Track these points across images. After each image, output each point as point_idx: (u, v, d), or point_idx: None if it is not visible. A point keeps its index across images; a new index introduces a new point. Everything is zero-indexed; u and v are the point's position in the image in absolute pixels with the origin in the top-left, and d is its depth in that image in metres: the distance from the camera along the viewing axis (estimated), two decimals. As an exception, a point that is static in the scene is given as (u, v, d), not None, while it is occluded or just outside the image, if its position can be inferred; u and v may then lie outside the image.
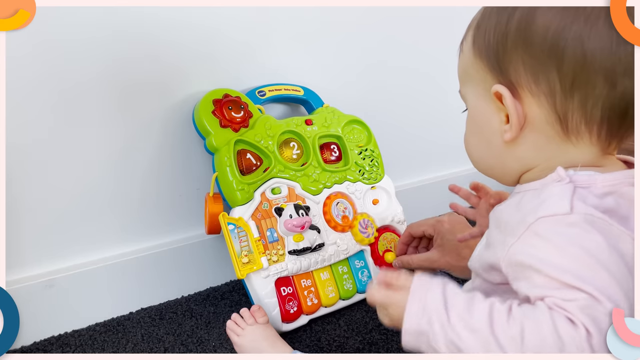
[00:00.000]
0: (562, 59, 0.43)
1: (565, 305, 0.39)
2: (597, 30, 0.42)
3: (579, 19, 0.43)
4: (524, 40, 0.45)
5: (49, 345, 0.77)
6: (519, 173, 0.51)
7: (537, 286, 0.42)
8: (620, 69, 0.43)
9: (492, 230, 0.51)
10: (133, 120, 0.81)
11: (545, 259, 0.42)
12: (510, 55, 0.46)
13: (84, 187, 0.79)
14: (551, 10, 0.44)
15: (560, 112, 0.45)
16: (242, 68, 0.89)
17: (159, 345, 0.78)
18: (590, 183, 0.45)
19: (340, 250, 0.87)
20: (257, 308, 0.75)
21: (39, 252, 0.78)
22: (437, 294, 0.44)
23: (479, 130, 0.51)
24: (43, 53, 0.71)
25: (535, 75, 0.45)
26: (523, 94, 0.46)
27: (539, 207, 0.44)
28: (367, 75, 1.05)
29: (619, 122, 0.45)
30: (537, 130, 0.47)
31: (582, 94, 0.44)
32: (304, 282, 0.83)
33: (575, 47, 0.43)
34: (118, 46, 0.76)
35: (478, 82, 0.49)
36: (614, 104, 0.44)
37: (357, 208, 0.91)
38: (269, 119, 0.86)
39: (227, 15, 0.84)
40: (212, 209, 0.80)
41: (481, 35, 0.48)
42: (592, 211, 0.43)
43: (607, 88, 0.44)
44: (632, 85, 0.44)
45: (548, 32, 0.44)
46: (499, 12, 0.47)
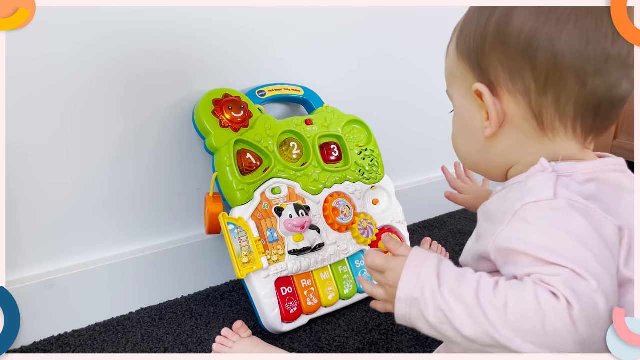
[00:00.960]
0: (535, 59, 0.46)
1: (548, 279, 0.42)
2: (567, 32, 0.45)
3: (551, 21, 0.45)
4: (501, 41, 0.47)
5: (49, 345, 0.77)
6: (503, 168, 0.54)
7: (523, 266, 0.44)
8: (590, 69, 0.45)
9: (481, 223, 0.54)
10: (133, 120, 0.81)
11: (530, 241, 0.44)
12: (489, 55, 0.49)
13: (83, 187, 0.79)
14: (525, 12, 0.46)
15: (536, 109, 0.48)
16: (242, 68, 0.89)
17: (159, 345, 0.78)
18: (572, 171, 0.48)
19: (340, 250, 0.87)
20: (239, 325, 0.75)
21: (39, 252, 0.78)
22: (432, 265, 0.46)
23: (464, 128, 0.54)
24: (43, 53, 0.71)
25: (512, 75, 0.48)
26: (501, 93, 0.49)
27: (525, 195, 0.47)
28: (367, 75, 1.05)
29: (592, 117, 0.48)
30: (516, 126, 0.50)
31: (555, 92, 0.47)
32: (304, 282, 0.83)
33: (547, 47, 0.45)
34: (118, 46, 0.76)
35: (461, 82, 0.52)
36: (585, 101, 0.47)
37: (357, 208, 0.91)
38: (269, 119, 0.86)
39: (227, 15, 0.84)
40: (212, 209, 0.80)
41: (463, 37, 0.51)
42: (575, 197, 0.45)
43: (578, 86, 0.46)
44: (602, 84, 0.46)
45: (522, 33, 0.46)
46: (479, 15, 0.50)
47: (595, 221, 0.44)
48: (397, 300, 0.46)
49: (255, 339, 0.74)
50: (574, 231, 0.43)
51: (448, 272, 0.45)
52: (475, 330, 0.42)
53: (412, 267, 0.46)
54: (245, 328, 0.75)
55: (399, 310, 0.46)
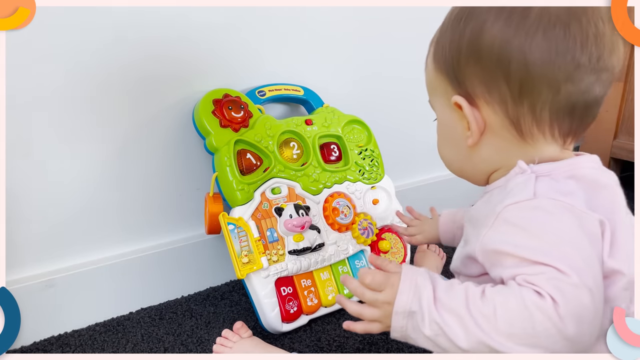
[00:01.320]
0: (509, 71, 0.47)
1: (532, 279, 0.43)
2: (536, 43, 0.46)
3: (520, 33, 0.46)
4: (475, 54, 0.49)
5: (49, 345, 0.77)
6: (487, 173, 0.55)
7: (508, 267, 0.45)
8: (561, 77, 0.47)
9: (467, 229, 0.55)
10: (133, 120, 0.81)
11: (514, 242, 0.45)
12: (465, 68, 0.50)
13: (84, 187, 0.79)
14: (496, 25, 0.47)
15: (513, 117, 0.49)
16: (242, 68, 0.89)
17: (159, 345, 0.78)
18: (550, 171, 0.49)
19: (340, 250, 0.87)
20: (239, 325, 0.75)
21: (39, 252, 0.78)
22: (426, 277, 0.47)
23: (448, 137, 0.56)
24: (43, 54, 0.71)
25: (488, 86, 0.49)
26: (480, 103, 0.50)
27: (506, 197, 0.48)
28: (368, 75, 1.05)
29: (568, 121, 0.50)
30: (496, 134, 0.51)
31: (530, 101, 0.48)
32: (304, 282, 0.83)
33: (519, 59, 0.47)
34: (118, 46, 0.76)
35: (442, 94, 0.54)
36: (560, 107, 0.49)
37: (357, 208, 0.91)
38: (269, 119, 0.86)
39: (227, 16, 0.84)
40: (212, 209, 0.80)
41: (439, 50, 0.53)
42: (554, 194, 0.47)
43: (551, 94, 0.48)
44: (575, 90, 0.48)
45: (494, 46, 0.47)
46: (453, 28, 0.51)
47: (575, 217, 0.46)
48: (394, 314, 0.46)
49: (256, 339, 0.74)
50: (555, 228, 0.45)
51: (439, 284, 0.46)
52: (469, 340, 0.43)
53: (408, 281, 0.47)
54: (246, 328, 0.75)
55: (396, 323, 0.47)
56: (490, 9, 0.48)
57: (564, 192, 0.47)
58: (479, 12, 0.49)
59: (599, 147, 1.37)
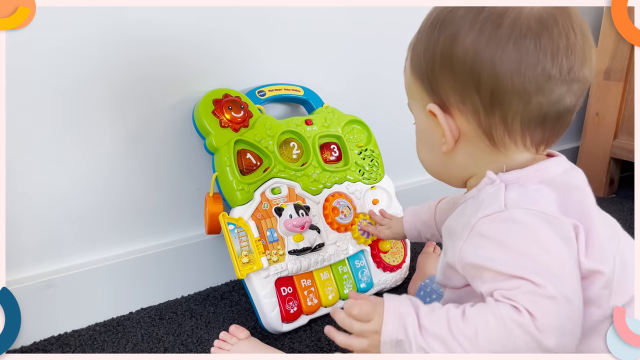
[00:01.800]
0: (480, 82, 0.48)
1: (509, 294, 0.43)
2: (507, 55, 0.46)
3: (491, 45, 0.47)
4: (448, 64, 0.49)
5: (48, 345, 0.77)
6: (463, 178, 0.56)
7: (486, 282, 0.46)
8: (532, 89, 0.47)
9: (445, 240, 0.56)
10: (133, 120, 0.81)
11: (489, 256, 0.46)
12: (438, 77, 0.50)
13: (84, 187, 0.79)
14: (468, 36, 0.47)
15: (485, 127, 0.50)
16: (242, 68, 0.89)
17: (158, 345, 0.78)
18: (519, 177, 0.50)
19: (340, 250, 0.87)
20: (234, 328, 0.75)
21: (39, 252, 0.78)
22: (408, 304, 0.47)
23: (425, 141, 0.57)
24: (43, 54, 0.71)
25: (461, 96, 0.49)
26: (454, 111, 0.51)
27: (479, 209, 0.49)
28: (367, 74, 1.05)
29: (540, 131, 0.50)
30: (470, 142, 0.52)
31: (501, 112, 0.49)
32: (304, 282, 0.83)
33: (489, 71, 0.47)
34: (118, 46, 0.76)
35: (418, 99, 0.54)
36: (531, 117, 0.49)
37: (357, 208, 0.91)
38: (269, 119, 0.86)
39: (227, 15, 0.84)
40: (212, 209, 0.80)
41: (415, 57, 0.53)
42: (525, 203, 0.47)
43: (522, 105, 0.48)
44: (545, 101, 0.48)
45: (466, 57, 0.48)
46: (427, 36, 0.51)
47: (548, 223, 0.46)
48: (382, 344, 0.47)
49: (254, 340, 0.74)
50: (528, 239, 0.45)
51: (422, 311, 0.47)
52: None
53: (392, 310, 0.47)
54: (242, 329, 0.75)
55: (384, 351, 0.47)
56: (465, 16, 0.48)
57: (535, 199, 0.48)
58: (453, 20, 0.49)
59: (599, 147, 1.37)
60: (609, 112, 1.34)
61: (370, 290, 0.89)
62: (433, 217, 0.76)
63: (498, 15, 0.47)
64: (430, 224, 0.77)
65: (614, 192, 1.41)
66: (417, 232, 0.79)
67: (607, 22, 1.31)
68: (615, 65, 1.30)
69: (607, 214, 0.53)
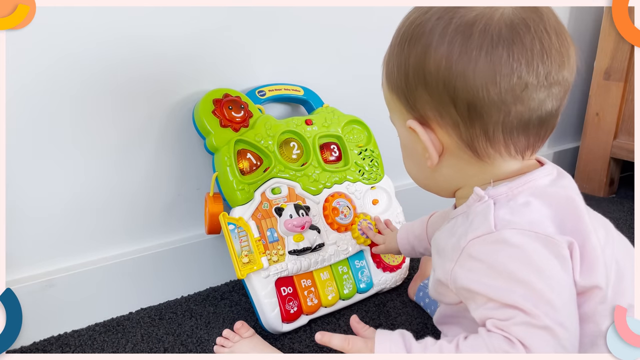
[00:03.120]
0: (455, 96, 0.47)
1: (502, 325, 0.43)
2: (480, 67, 0.45)
3: (463, 57, 0.45)
4: (421, 80, 0.48)
5: (48, 345, 0.77)
6: (451, 190, 0.55)
7: (479, 307, 0.46)
8: (509, 99, 0.46)
9: (434, 256, 0.56)
10: (133, 119, 0.81)
11: (481, 280, 0.46)
12: (414, 94, 0.49)
13: (83, 187, 0.79)
14: (439, 50, 0.46)
15: (467, 140, 0.49)
16: (242, 68, 0.89)
17: (158, 346, 0.78)
18: (507, 191, 0.49)
19: (340, 250, 0.87)
20: (240, 325, 0.75)
21: (39, 252, 0.78)
22: (399, 344, 0.47)
23: (410, 155, 0.56)
24: (44, 54, 0.71)
25: (439, 111, 0.49)
26: (434, 126, 0.50)
27: (468, 230, 0.48)
28: (367, 74, 1.04)
29: (524, 138, 0.49)
30: (454, 155, 0.51)
31: (481, 124, 0.47)
32: (304, 282, 0.83)
33: (463, 84, 0.46)
34: (117, 46, 0.76)
35: (398, 114, 0.54)
36: (512, 126, 0.48)
37: (357, 208, 0.91)
38: (269, 118, 0.86)
39: (227, 15, 0.84)
40: (212, 208, 0.80)
41: (390, 72, 0.53)
42: (515, 224, 0.46)
43: (502, 115, 0.47)
44: (525, 109, 0.46)
45: (439, 72, 0.46)
46: (398, 53, 0.50)
47: (541, 243, 0.45)
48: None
49: (256, 339, 0.74)
50: (520, 263, 0.44)
51: (413, 348, 0.47)
52: None
53: (382, 349, 0.47)
54: (247, 327, 0.75)
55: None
56: (433, 30, 0.47)
57: (526, 217, 0.47)
58: (422, 34, 0.48)
59: (599, 147, 1.37)
60: (609, 112, 1.34)
61: (370, 290, 0.89)
62: (425, 232, 0.76)
63: (467, 26, 0.45)
64: (423, 237, 0.76)
65: (614, 192, 1.41)
66: (410, 246, 0.78)
67: (607, 22, 1.31)
68: (615, 65, 1.30)
69: (598, 213, 0.52)
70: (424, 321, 0.83)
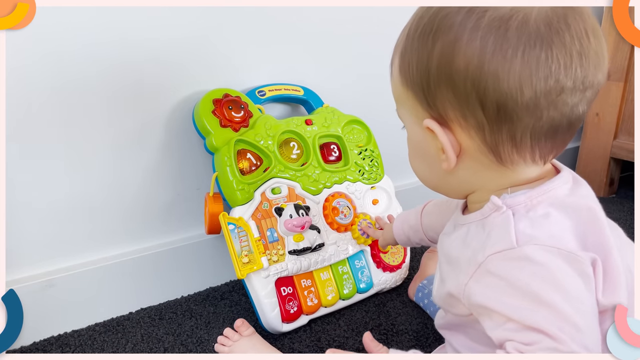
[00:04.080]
0: (484, 97, 0.43)
1: (526, 349, 0.40)
2: (514, 70, 0.41)
3: (497, 58, 0.42)
4: (446, 79, 0.44)
5: (48, 345, 0.77)
6: (464, 193, 0.52)
7: (498, 327, 0.43)
8: (544, 103, 0.42)
9: (443, 265, 0.53)
10: (133, 120, 0.81)
11: (500, 299, 0.43)
12: (435, 92, 0.45)
13: (83, 187, 0.79)
14: (469, 48, 0.42)
15: (491, 144, 0.45)
16: (242, 68, 0.89)
17: (158, 346, 0.78)
18: (526, 201, 0.46)
19: (340, 250, 0.87)
20: (240, 323, 0.75)
21: (39, 252, 0.78)
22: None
23: (420, 154, 0.52)
24: (43, 54, 0.71)
25: (462, 112, 0.45)
26: (454, 127, 0.46)
27: (487, 243, 0.45)
28: (367, 75, 1.05)
29: (551, 142, 0.46)
30: (473, 158, 0.47)
31: (509, 127, 0.44)
32: (304, 282, 0.83)
33: (495, 85, 0.42)
34: (117, 46, 0.76)
35: (411, 111, 0.49)
36: (542, 131, 0.44)
37: (357, 208, 0.91)
38: (269, 118, 0.86)
39: (227, 15, 0.84)
40: (212, 208, 0.80)
41: (406, 66, 0.47)
42: (538, 239, 0.43)
43: (533, 120, 0.43)
44: (558, 114, 0.43)
45: (467, 72, 0.43)
46: (420, 46, 0.45)
47: (565, 261, 0.43)
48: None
49: (256, 337, 0.74)
50: (544, 282, 0.42)
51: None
52: None
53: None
54: (247, 326, 0.75)
55: None
56: (464, 23, 0.42)
57: (548, 231, 0.44)
58: (449, 27, 0.43)
59: (599, 147, 1.37)
60: (609, 112, 1.34)
61: (370, 290, 0.89)
62: (420, 222, 0.74)
63: (502, 21, 0.41)
64: (417, 228, 0.74)
65: (614, 192, 1.41)
66: (406, 237, 0.77)
67: (607, 22, 1.31)
68: (616, 65, 1.30)
69: (612, 221, 0.50)
70: (424, 321, 0.83)
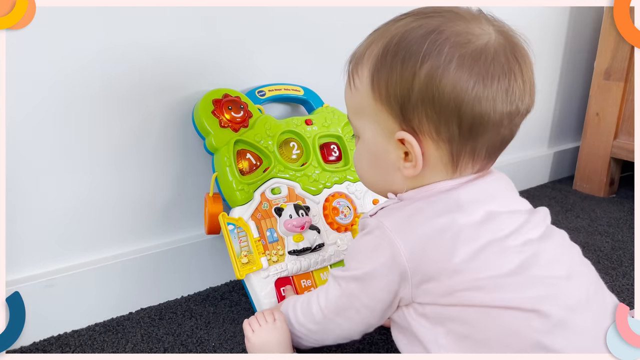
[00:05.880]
0: (462, 117, 0.50)
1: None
2: (491, 93, 0.49)
3: (479, 82, 0.49)
4: (430, 97, 0.50)
5: (48, 346, 0.77)
6: (398, 192, 0.58)
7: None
8: (505, 122, 0.51)
9: None
10: (132, 120, 0.81)
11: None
12: (414, 107, 0.51)
13: (83, 187, 0.79)
14: (457, 73, 0.49)
15: (455, 154, 0.53)
16: (242, 68, 0.89)
17: (158, 346, 0.78)
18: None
19: (340, 250, 0.87)
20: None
21: (39, 252, 0.78)
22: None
23: (375, 160, 0.57)
24: (43, 53, 0.71)
25: (437, 126, 0.51)
26: (423, 139, 0.52)
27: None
28: (367, 75, 1.05)
29: (497, 153, 0.55)
30: (430, 166, 0.54)
31: (474, 142, 0.52)
32: (304, 282, 0.83)
33: (474, 107, 0.49)
34: (117, 46, 0.76)
35: (378, 122, 0.55)
36: (494, 145, 0.54)
37: (358, 208, 0.91)
38: (268, 119, 0.86)
39: (227, 15, 0.84)
40: (212, 209, 0.80)
41: (383, 83, 0.52)
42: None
43: (493, 134, 0.52)
44: (509, 132, 0.53)
45: (452, 94, 0.49)
46: (403, 66, 0.51)
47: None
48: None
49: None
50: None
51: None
52: None
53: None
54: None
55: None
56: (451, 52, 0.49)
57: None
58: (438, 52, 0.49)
59: (599, 147, 1.37)
60: (609, 112, 1.34)
61: (370, 291, 0.89)
62: None
63: (479, 51, 0.49)
64: None
65: (614, 192, 1.41)
66: None
67: (607, 22, 1.31)
68: (616, 65, 1.30)
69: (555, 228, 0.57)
70: (424, 321, 0.83)
